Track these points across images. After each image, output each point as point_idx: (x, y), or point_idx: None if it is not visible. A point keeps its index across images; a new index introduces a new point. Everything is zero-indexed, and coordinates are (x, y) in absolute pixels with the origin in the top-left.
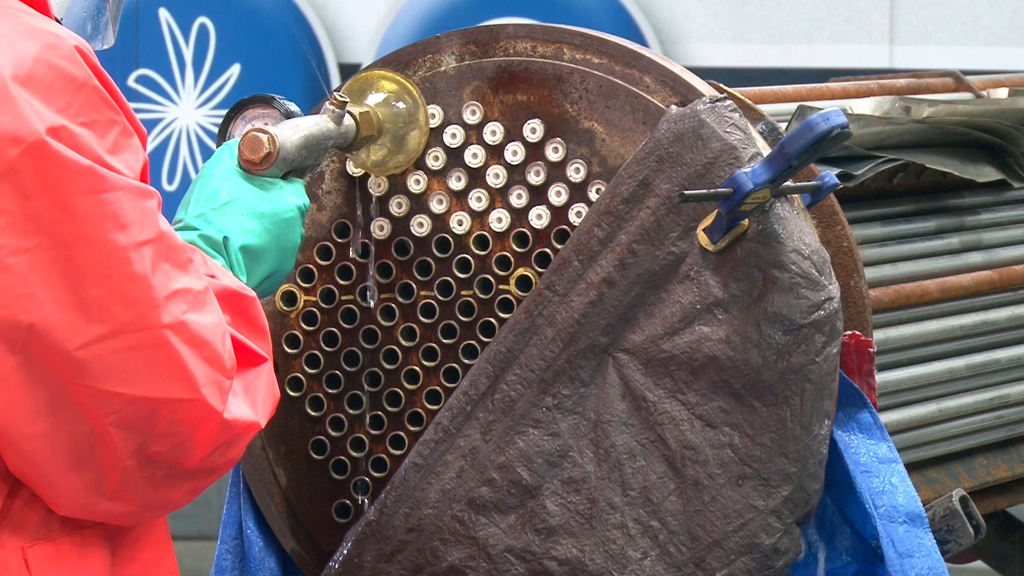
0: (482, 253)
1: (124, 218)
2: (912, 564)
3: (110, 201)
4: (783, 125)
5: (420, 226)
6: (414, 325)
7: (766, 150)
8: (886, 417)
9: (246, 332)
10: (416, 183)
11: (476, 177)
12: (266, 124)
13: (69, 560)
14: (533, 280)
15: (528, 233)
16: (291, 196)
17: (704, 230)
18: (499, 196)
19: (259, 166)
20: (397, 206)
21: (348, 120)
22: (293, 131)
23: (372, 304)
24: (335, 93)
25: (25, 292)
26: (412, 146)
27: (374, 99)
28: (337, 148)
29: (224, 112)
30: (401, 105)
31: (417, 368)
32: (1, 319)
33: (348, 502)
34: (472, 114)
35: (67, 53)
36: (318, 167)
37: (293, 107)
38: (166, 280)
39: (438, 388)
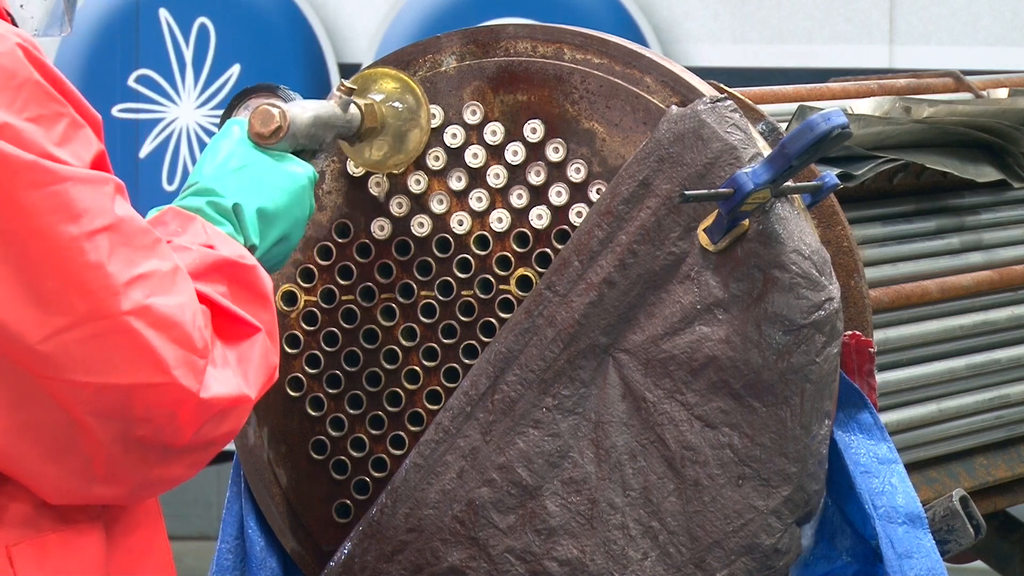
0: (482, 253)
1: (75, 208)
2: (911, 565)
3: (58, 193)
4: (783, 125)
5: (420, 226)
6: (414, 325)
7: (766, 150)
8: (886, 417)
9: (244, 301)
10: (416, 183)
11: (476, 177)
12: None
13: (56, 556)
14: (533, 280)
15: (528, 233)
16: (302, 167)
17: (704, 230)
18: (499, 196)
19: (269, 139)
20: (397, 206)
21: (353, 109)
22: (302, 110)
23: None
24: (343, 81)
25: None
26: (413, 145)
27: (378, 96)
28: (340, 137)
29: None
30: (404, 103)
31: (417, 368)
32: None
33: (348, 502)
34: (472, 114)
35: (7, 50)
36: (323, 152)
37: (297, 97)
38: (126, 266)
39: (438, 388)
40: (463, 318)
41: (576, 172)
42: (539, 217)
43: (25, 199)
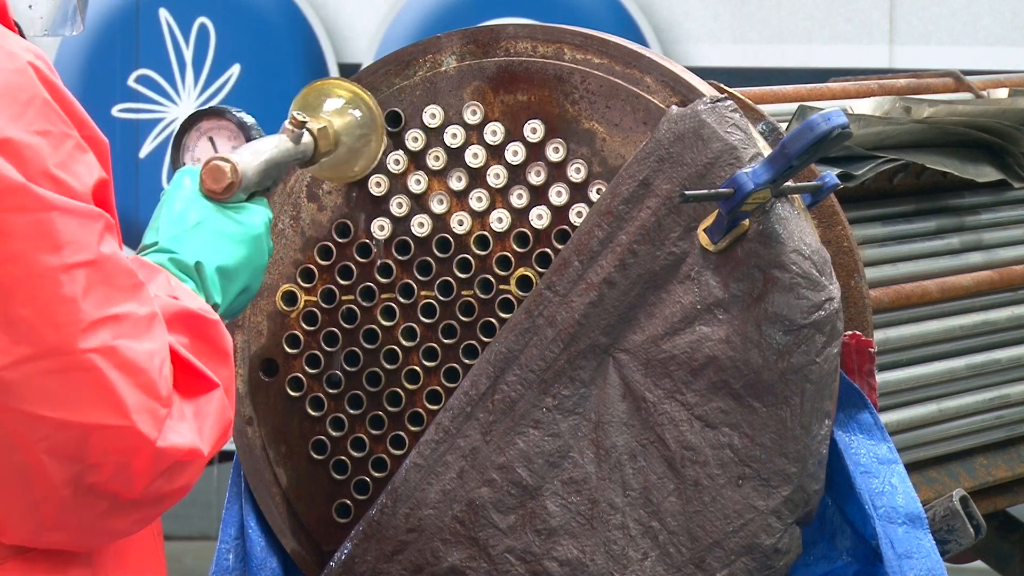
0: (483, 253)
1: (57, 239)
2: (911, 565)
3: (43, 220)
4: (783, 125)
5: (421, 226)
6: (415, 325)
7: (767, 150)
8: (886, 417)
9: (205, 355)
10: (417, 183)
11: (477, 177)
12: (217, 143)
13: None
14: (534, 280)
15: (529, 233)
16: (257, 215)
17: (705, 230)
18: (500, 196)
19: (222, 195)
20: (398, 206)
21: (307, 138)
22: (253, 156)
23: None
24: (293, 113)
25: None
26: (372, 152)
27: (330, 106)
28: (297, 165)
29: None
30: (357, 112)
31: (417, 368)
32: None
33: (348, 502)
34: (473, 114)
35: (19, 67)
36: (278, 185)
37: (247, 118)
38: (101, 304)
39: (438, 388)
40: (463, 318)
41: (576, 172)
42: (539, 217)
43: (8, 221)
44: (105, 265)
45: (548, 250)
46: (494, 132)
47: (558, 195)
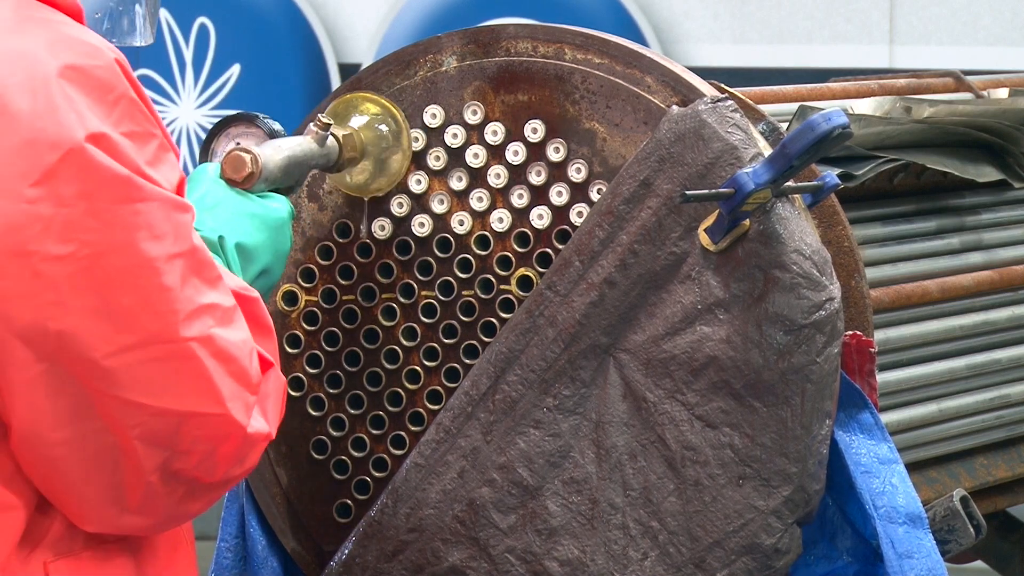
0: (483, 253)
1: (157, 229)
2: (911, 565)
3: (144, 211)
4: (784, 125)
5: (421, 226)
6: (415, 325)
7: (767, 150)
8: (887, 417)
9: (254, 333)
10: (417, 183)
11: (477, 177)
12: (248, 144)
13: (91, 574)
14: (534, 280)
15: (529, 233)
16: (279, 202)
17: (705, 230)
18: (500, 196)
19: (241, 185)
20: (398, 206)
21: (331, 141)
22: (276, 151)
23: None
24: (319, 115)
25: (56, 299)
26: (394, 169)
27: (357, 121)
28: (319, 169)
29: (224, 113)
30: (384, 128)
31: (418, 368)
32: (30, 325)
33: (349, 502)
34: (473, 114)
35: (107, 63)
36: (301, 187)
37: (276, 126)
38: (195, 294)
39: (439, 388)
40: (464, 318)
41: (577, 172)
42: (540, 217)
43: (112, 213)
44: (197, 256)
45: (549, 250)
46: (495, 132)
47: (559, 195)
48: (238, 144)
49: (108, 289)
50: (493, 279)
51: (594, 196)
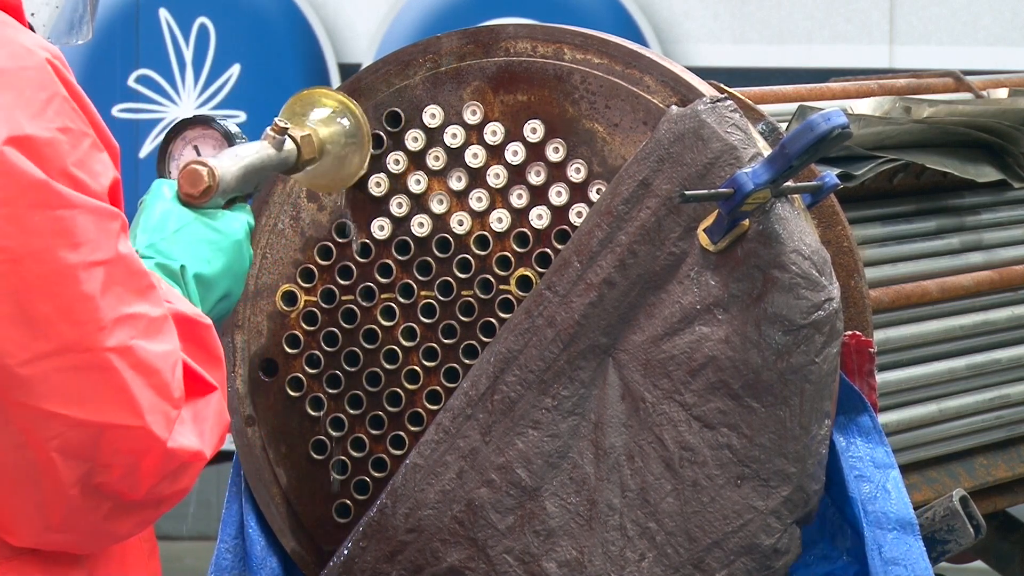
0: (482, 253)
1: (77, 236)
2: (897, 572)
3: (64, 218)
4: (783, 125)
5: (420, 226)
6: (414, 325)
7: (767, 150)
8: (886, 417)
9: (199, 360)
10: (416, 183)
11: (476, 177)
12: (202, 153)
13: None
14: (533, 280)
15: (528, 233)
16: (236, 221)
17: (704, 230)
18: (500, 196)
19: (199, 199)
20: (397, 206)
21: (289, 145)
22: (233, 161)
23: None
24: (276, 119)
25: None
26: (355, 164)
27: (316, 115)
28: (279, 172)
29: (224, 112)
30: (344, 122)
31: (417, 368)
32: None
33: (348, 502)
34: (472, 114)
35: (37, 64)
36: (259, 192)
37: (233, 128)
38: (117, 303)
39: (438, 388)
40: (463, 318)
41: (576, 172)
42: (539, 217)
43: (29, 218)
44: (121, 265)
45: (548, 250)
46: (494, 132)
47: (558, 195)
48: (196, 148)
49: (25, 295)
50: (492, 279)
51: (593, 196)
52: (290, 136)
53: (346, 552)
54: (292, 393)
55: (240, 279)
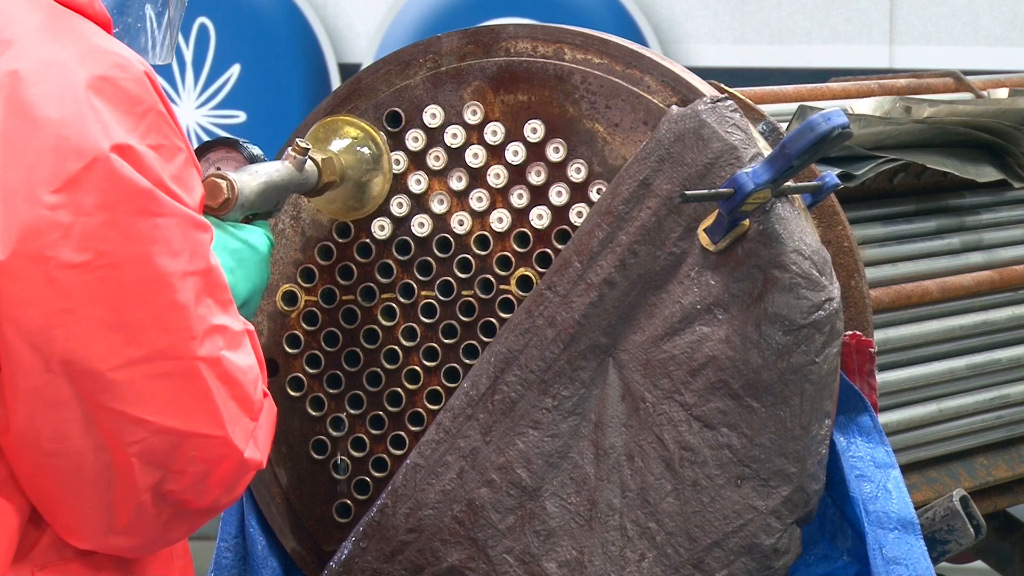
0: (483, 253)
1: (175, 245)
2: (898, 572)
3: (163, 226)
4: (784, 125)
5: (421, 226)
6: (415, 325)
7: (767, 150)
8: (887, 417)
9: None
10: (417, 183)
11: (477, 177)
12: (226, 169)
13: None
14: (534, 280)
15: (529, 233)
16: (256, 235)
17: (705, 230)
18: (500, 196)
19: (218, 211)
20: (398, 206)
21: (310, 166)
22: (253, 177)
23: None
24: (297, 140)
25: (67, 307)
26: (375, 192)
27: (338, 144)
28: (299, 193)
29: (223, 112)
30: (365, 151)
31: (418, 368)
32: (39, 331)
33: (348, 502)
34: (473, 114)
35: (136, 76)
36: (279, 211)
37: (256, 151)
38: (207, 314)
39: (439, 388)
40: (463, 318)
41: (576, 172)
42: (539, 217)
43: (131, 225)
44: (212, 276)
45: (548, 250)
46: (494, 132)
47: (558, 195)
48: (218, 169)
49: (121, 301)
50: (493, 279)
51: (594, 196)
52: (311, 158)
53: (346, 552)
54: (293, 393)
55: (258, 292)
